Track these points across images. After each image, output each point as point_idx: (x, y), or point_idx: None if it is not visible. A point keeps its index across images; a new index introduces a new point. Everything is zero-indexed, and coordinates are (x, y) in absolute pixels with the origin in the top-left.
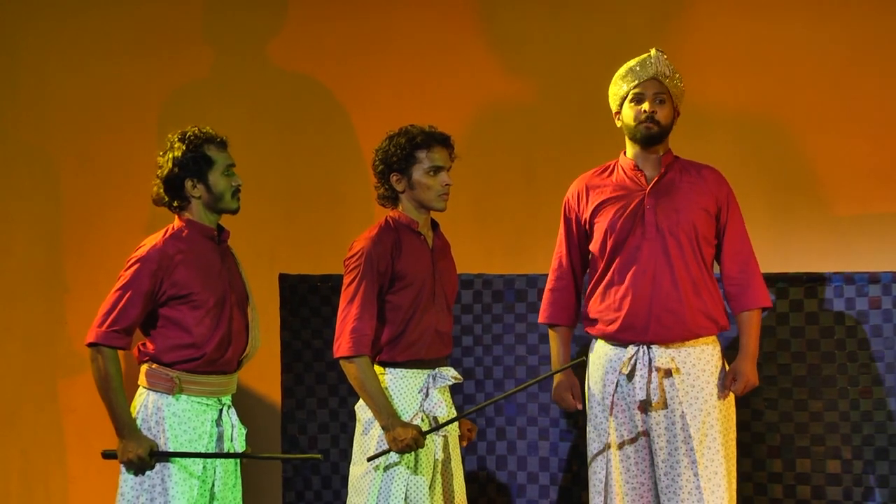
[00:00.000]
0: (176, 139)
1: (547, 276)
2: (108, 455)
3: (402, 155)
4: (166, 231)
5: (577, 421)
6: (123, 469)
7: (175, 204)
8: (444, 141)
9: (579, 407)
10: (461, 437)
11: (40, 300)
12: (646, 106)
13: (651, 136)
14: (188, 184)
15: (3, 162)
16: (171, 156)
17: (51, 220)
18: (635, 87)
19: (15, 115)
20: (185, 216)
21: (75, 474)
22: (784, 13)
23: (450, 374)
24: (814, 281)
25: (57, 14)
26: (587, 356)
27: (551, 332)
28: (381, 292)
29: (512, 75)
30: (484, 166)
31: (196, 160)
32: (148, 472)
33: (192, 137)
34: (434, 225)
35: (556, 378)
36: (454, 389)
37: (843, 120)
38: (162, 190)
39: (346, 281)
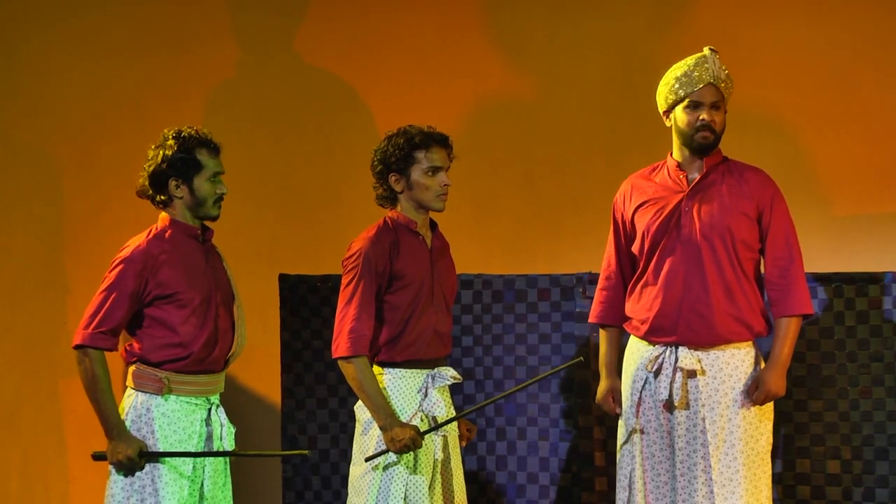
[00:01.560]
0: (170, 136)
1: (547, 276)
2: (98, 457)
3: (400, 155)
4: (150, 231)
5: (576, 421)
6: (113, 471)
7: (157, 199)
8: (442, 141)
9: (618, 412)
10: (460, 437)
11: (40, 300)
12: (704, 115)
13: (707, 146)
14: (172, 183)
15: (3, 162)
16: (161, 152)
17: (51, 220)
18: (692, 93)
19: (15, 116)
20: (169, 213)
21: (75, 474)
22: (784, 13)
23: (449, 373)
24: (814, 281)
25: (57, 14)
26: (584, 357)
27: (601, 332)
28: (379, 292)
29: (512, 75)
30: (484, 166)
31: (185, 162)
32: (138, 473)
33: (185, 138)
34: (433, 225)
35: (601, 381)
36: (454, 389)
37: (843, 120)
38: (147, 183)
39: (344, 281)
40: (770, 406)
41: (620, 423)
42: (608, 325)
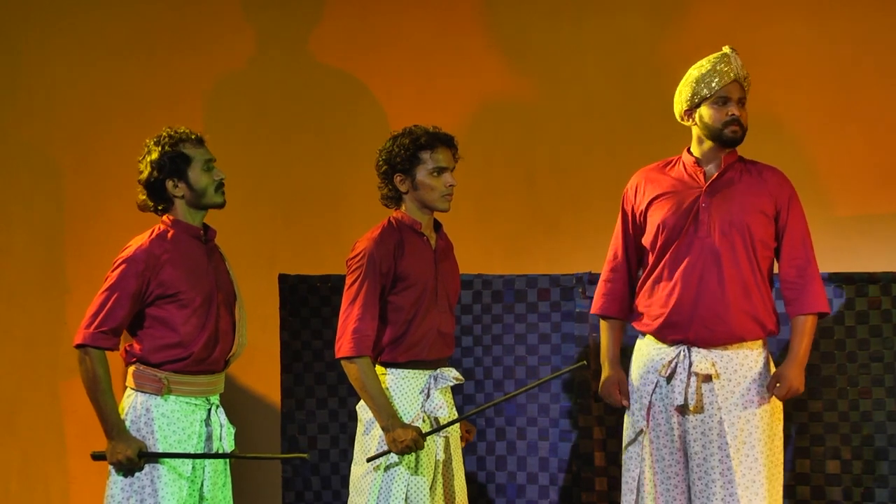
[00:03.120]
0: (152, 143)
1: (547, 276)
2: (98, 457)
3: (405, 155)
4: (152, 231)
5: (576, 421)
6: (112, 471)
7: (160, 208)
8: (447, 141)
9: (625, 404)
10: (459, 438)
11: (40, 301)
12: (733, 109)
13: (737, 139)
14: (169, 184)
15: (3, 162)
16: (148, 160)
17: (51, 220)
18: (719, 89)
19: (15, 116)
20: (170, 216)
21: (75, 475)
22: (784, 13)
23: (451, 374)
24: None
25: (57, 14)
26: (587, 360)
27: (602, 324)
28: (383, 293)
29: (512, 76)
30: (484, 166)
31: (173, 159)
32: (137, 474)
33: (166, 138)
34: (437, 226)
35: (604, 373)
36: (454, 389)
37: (843, 120)
38: (146, 195)
39: (348, 281)
40: (780, 407)
41: (626, 422)
42: (610, 318)
